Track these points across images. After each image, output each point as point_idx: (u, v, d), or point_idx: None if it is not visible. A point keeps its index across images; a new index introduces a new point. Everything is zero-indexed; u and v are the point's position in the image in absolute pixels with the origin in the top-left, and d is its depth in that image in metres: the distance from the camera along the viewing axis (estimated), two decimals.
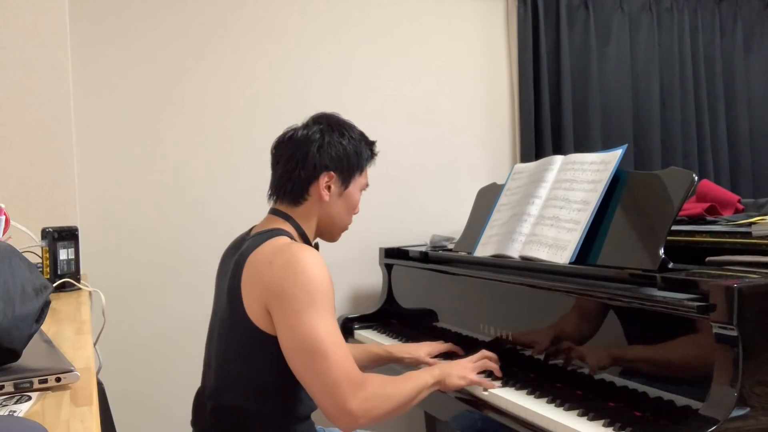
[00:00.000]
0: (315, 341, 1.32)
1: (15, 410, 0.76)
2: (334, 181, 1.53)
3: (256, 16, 2.65)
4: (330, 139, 1.53)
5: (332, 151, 1.52)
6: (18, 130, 2.01)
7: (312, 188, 1.52)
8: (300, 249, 1.39)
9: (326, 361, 1.31)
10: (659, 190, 1.58)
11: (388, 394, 1.39)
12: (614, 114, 3.05)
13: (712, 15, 3.25)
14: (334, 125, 1.57)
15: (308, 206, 1.53)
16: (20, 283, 0.88)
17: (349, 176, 1.56)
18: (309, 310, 1.33)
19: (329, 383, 1.32)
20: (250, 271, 1.41)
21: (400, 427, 2.78)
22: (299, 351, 1.34)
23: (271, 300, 1.36)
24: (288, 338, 1.35)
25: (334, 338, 1.34)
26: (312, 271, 1.35)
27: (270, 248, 1.41)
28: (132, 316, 2.45)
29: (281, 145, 1.57)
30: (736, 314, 1.18)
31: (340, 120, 1.60)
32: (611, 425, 1.32)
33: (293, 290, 1.33)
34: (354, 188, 1.58)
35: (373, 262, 2.65)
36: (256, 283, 1.39)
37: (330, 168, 1.52)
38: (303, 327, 1.32)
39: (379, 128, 2.82)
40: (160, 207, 2.51)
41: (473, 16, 2.97)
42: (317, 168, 1.51)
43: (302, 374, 1.36)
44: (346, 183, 1.56)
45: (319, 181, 1.51)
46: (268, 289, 1.36)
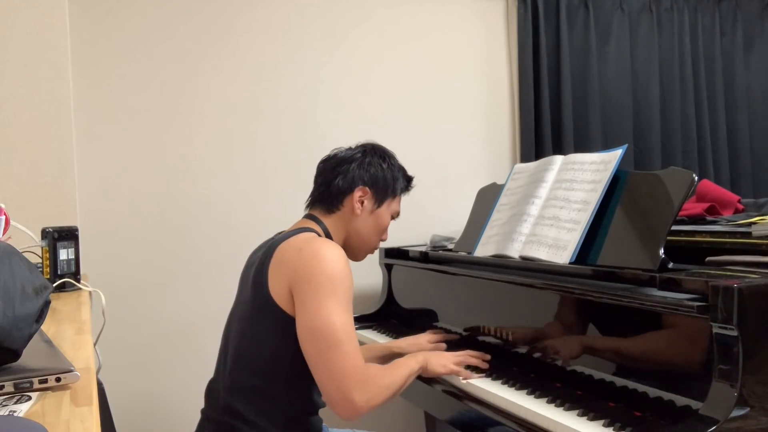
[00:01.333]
0: (330, 329, 1.38)
1: (15, 410, 0.76)
2: (368, 197, 1.64)
3: (256, 16, 2.65)
4: (371, 160, 1.66)
5: (371, 170, 1.65)
6: (18, 130, 2.01)
7: (346, 200, 1.63)
8: (329, 243, 1.49)
9: (338, 350, 1.38)
10: (659, 190, 1.58)
11: (386, 384, 1.49)
12: (614, 114, 3.05)
13: (712, 15, 3.25)
14: (378, 150, 1.71)
15: (340, 216, 1.64)
16: (20, 283, 0.88)
17: (383, 196, 1.67)
18: (330, 298, 1.39)
19: (337, 372, 1.38)
20: (278, 256, 1.49)
21: (400, 427, 2.78)
22: (314, 336, 1.40)
23: (296, 283, 1.43)
24: (306, 322, 1.41)
25: (349, 331, 1.41)
26: (338, 264, 1.43)
27: (301, 238, 1.50)
28: (132, 316, 2.45)
29: (327, 161, 1.70)
30: (736, 314, 1.18)
31: (384, 148, 1.74)
32: (611, 425, 1.32)
33: (319, 277, 1.40)
34: (385, 210, 1.68)
35: (373, 262, 2.65)
36: (283, 266, 1.46)
37: (366, 183, 1.64)
38: (322, 313, 1.39)
39: (379, 128, 2.84)
40: (160, 207, 2.52)
41: (473, 16, 2.97)
42: (354, 181, 1.63)
43: (313, 359, 1.41)
44: (379, 202, 1.66)
45: (353, 193, 1.63)
46: (294, 273, 1.44)
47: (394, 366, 1.58)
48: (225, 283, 2.26)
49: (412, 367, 1.60)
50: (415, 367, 1.61)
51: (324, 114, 2.73)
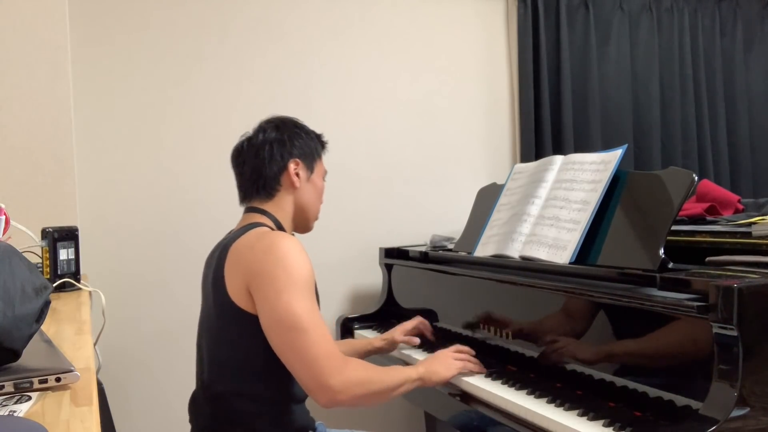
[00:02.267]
0: (294, 318, 1.37)
1: (15, 410, 0.76)
2: (300, 167, 1.62)
3: (256, 16, 2.65)
4: (288, 133, 1.63)
5: (294, 141, 1.63)
6: (18, 130, 2.00)
7: (283, 178, 1.61)
8: (281, 235, 1.47)
9: (305, 337, 1.37)
10: (659, 190, 1.58)
11: (370, 377, 1.46)
12: (614, 114, 3.05)
13: (712, 15, 3.25)
14: (287, 121, 1.68)
15: (281, 197, 1.61)
16: (20, 283, 0.88)
17: (312, 162, 1.66)
18: (289, 289, 1.38)
19: (309, 359, 1.37)
20: (232, 257, 1.47)
21: (400, 427, 2.78)
22: (279, 328, 1.39)
23: (253, 280, 1.42)
24: (268, 316, 1.40)
25: (314, 318, 1.40)
26: (292, 256, 1.42)
27: (251, 236, 1.49)
28: (132, 316, 2.45)
29: (242, 152, 1.65)
30: (736, 314, 1.18)
31: (288, 117, 1.71)
32: (611, 425, 1.32)
33: (274, 271, 1.39)
34: (317, 175, 1.68)
35: (373, 262, 2.65)
36: (238, 266, 1.45)
37: (295, 155, 1.62)
38: (282, 305, 1.38)
39: (379, 128, 2.84)
40: (160, 207, 2.51)
41: (473, 16, 2.97)
42: (284, 158, 1.60)
43: (283, 351, 1.40)
44: (311, 168, 1.66)
45: (288, 170, 1.60)
46: (249, 271, 1.43)
47: (388, 367, 1.56)
48: None
49: (407, 375, 1.56)
50: (412, 375, 1.57)
51: (324, 114, 2.73)
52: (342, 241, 2.74)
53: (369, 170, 2.79)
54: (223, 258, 1.49)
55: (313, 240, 2.77)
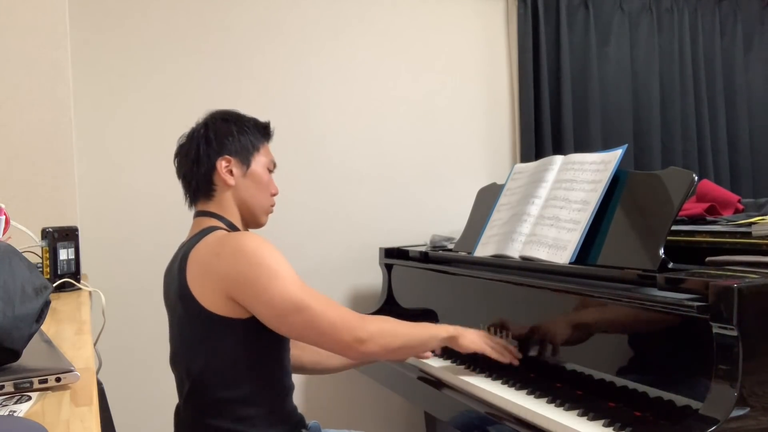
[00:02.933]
0: (293, 301, 1.38)
1: (15, 410, 0.76)
2: (233, 164, 1.55)
3: (256, 16, 2.65)
4: (215, 128, 1.56)
5: (221, 137, 1.55)
6: (18, 130, 2.00)
7: (215, 178, 1.55)
8: (239, 236, 1.44)
9: (312, 311, 1.38)
10: (659, 190, 1.58)
11: (393, 327, 1.48)
12: (614, 114, 3.05)
13: (712, 15, 3.25)
14: (218, 116, 1.60)
15: (220, 196, 1.56)
16: (20, 283, 0.88)
17: (247, 156, 1.57)
18: (275, 280, 1.38)
19: (326, 326, 1.39)
20: (196, 267, 1.43)
21: (400, 427, 2.78)
22: (284, 316, 1.39)
23: (235, 289, 1.39)
24: (269, 312, 1.39)
25: (310, 292, 1.40)
26: (260, 250, 1.39)
27: (210, 243, 1.44)
28: (132, 316, 2.45)
29: (177, 154, 1.61)
30: (736, 314, 1.18)
31: (224, 111, 1.63)
32: (611, 425, 1.32)
33: (252, 271, 1.38)
34: (257, 167, 1.59)
35: (373, 262, 2.65)
36: (208, 276, 1.42)
37: (223, 152, 1.54)
38: (277, 296, 1.37)
39: (379, 128, 2.84)
40: (160, 207, 2.51)
41: (473, 16, 2.97)
42: (211, 157, 1.54)
43: (299, 334, 1.41)
44: (247, 162, 1.57)
45: (217, 169, 1.54)
46: (225, 278, 1.39)
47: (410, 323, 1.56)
48: None
49: (437, 331, 1.57)
50: (442, 333, 1.57)
51: (324, 114, 2.73)
52: (342, 241, 2.74)
53: (369, 170, 2.79)
54: (184, 269, 1.45)
55: (313, 240, 2.79)
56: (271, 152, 1.65)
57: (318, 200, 2.73)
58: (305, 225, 2.69)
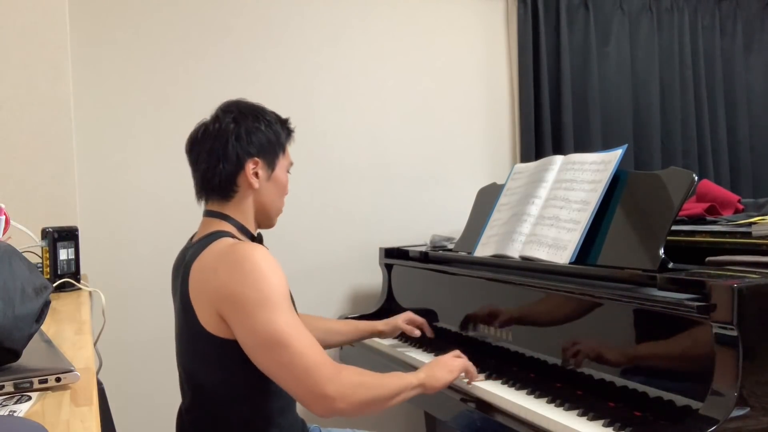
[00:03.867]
0: (275, 335, 1.29)
1: (15, 410, 0.76)
2: (260, 166, 1.48)
3: (256, 17, 2.65)
4: (246, 126, 1.48)
5: (252, 138, 1.48)
6: (18, 130, 2.00)
7: (240, 179, 1.47)
8: (245, 248, 1.36)
9: (291, 351, 1.29)
10: (659, 190, 1.58)
11: (366, 382, 1.37)
12: (614, 114, 3.05)
13: (712, 15, 3.25)
14: (246, 111, 1.52)
15: (240, 198, 1.48)
16: (20, 283, 0.88)
17: (274, 158, 1.51)
18: (263, 308, 1.29)
19: (299, 372, 1.29)
20: (196, 281, 1.38)
21: (400, 427, 2.78)
22: (263, 349, 1.31)
23: (223, 305, 1.33)
24: (249, 339, 1.32)
25: (296, 329, 1.31)
26: (260, 269, 1.32)
27: (212, 254, 1.37)
28: (132, 316, 2.45)
29: (196, 143, 1.51)
30: (736, 314, 1.18)
31: (250, 105, 1.56)
32: (611, 425, 1.32)
33: (243, 291, 1.30)
34: (280, 170, 1.53)
35: (373, 262, 2.65)
36: (204, 292, 1.36)
37: (253, 154, 1.47)
38: (260, 325, 1.29)
39: (379, 128, 2.84)
40: (161, 207, 2.51)
41: (473, 17, 2.97)
42: (240, 157, 1.46)
43: (271, 371, 1.33)
44: (272, 166, 1.51)
45: (245, 170, 1.46)
46: (217, 296, 1.33)
47: (386, 374, 1.48)
48: None
49: (407, 381, 1.46)
50: (412, 381, 1.47)
51: (324, 114, 2.73)
52: (342, 241, 2.74)
53: (369, 170, 2.79)
54: (186, 279, 1.39)
55: (313, 240, 2.79)
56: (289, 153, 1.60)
57: (318, 200, 2.72)
58: (305, 225, 2.69)
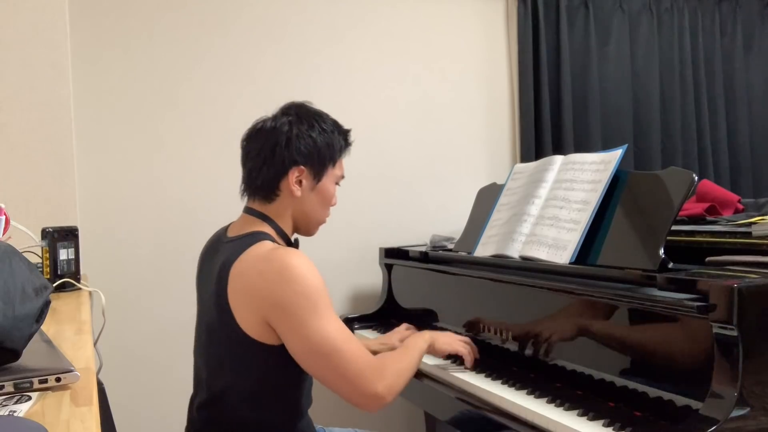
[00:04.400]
0: (328, 343, 1.34)
1: (15, 410, 0.76)
2: (304, 175, 1.46)
3: (256, 16, 2.65)
4: (299, 132, 1.46)
5: (301, 145, 1.45)
6: (18, 130, 2.01)
7: (282, 184, 1.46)
8: (287, 254, 1.36)
9: (344, 357, 1.35)
10: (659, 190, 1.58)
11: (403, 367, 1.47)
12: (614, 114, 3.05)
13: (712, 15, 3.25)
14: (304, 116, 1.49)
15: (281, 203, 1.47)
16: (20, 283, 0.88)
17: (321, 169, 1.49)
18: (314, 315, 1.33)
19: (353, 376, 1.36)
20: (238, 283, 1.37)
21: (400, 427, 2.78)
22: (316, 355, 1.35)
23: (272, 313, 1.34)
24: (301, 346, 1.36)
25: (344, 334, 1.37)
26: (305, 276, 1.33)
27: (255, 257, 1.37)
28: (132, 316, 2.45)
29: (250, 139, 1.51)
30: (736, 314, 1.18)
31: (310, 110, 1.53)
32: (611, 425, 1.32)
33: (293, 299, 1.32)
34: (327, 181, 1.51)
35: (373, 262, 2.65)
36: (249, 296, 1.36)
37: (299, 162, 1.45)
38: (314, 333, 1.33)
39: (379, 128, 2.84)
40: (160, 207, 2.51)
41: (473, 16, 2.97)
42: (286, 163, 1.44)
43: (323, 375, 1.38)
44: (318, 176, 1.49)
45: (288, 176, 1.45)
46: (265, 302, 1.34)
47: (404, 348, 1.58)
48: None
49: (421, 347, 1.60)
50: (423, 346, 1.62)
51: None
52: (342, 241, 2.74)
53: (369, 170, 2.79)
54: (225, 281, 1.38)
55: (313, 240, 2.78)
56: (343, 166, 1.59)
57: None
58: None
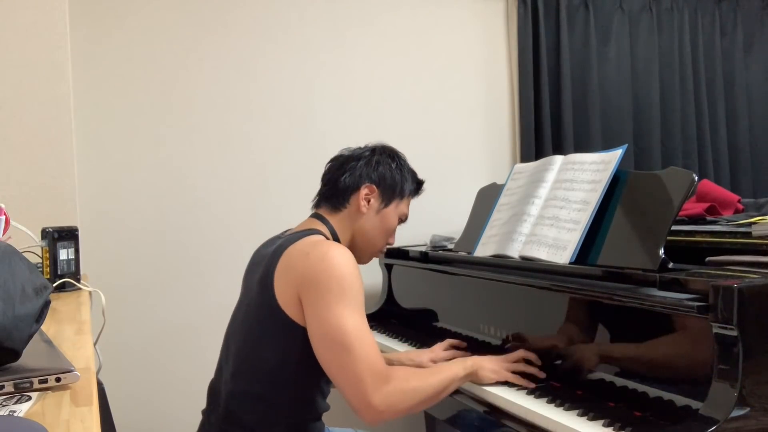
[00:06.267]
0: (342, 333, 1.35)
1: (15, 410, 0.76)
2: (374, 195, 1.62)
3: (257, 16, 2.65)
4: (379, 158, 1.64)
5: (379, 168, 1.63)
6: (18, 130, 2.00)
7: (353, 197, 1.61)
8: (336, 246, 1.45)
9: (351, 354, 1.35)
10: (659, 190, 1.58)
11: (414, 387, 1.41)
12: (614, 114, 3.05)
13: (712, 15, 3.25)
14: (387, 150, 1.69)
15: (346, 215, 1.61)
16: (20, 283, 0.88)
17: (390, 196, 1.64)
18: (340, 303, 1.36)
19: (353, 377, 1.35)
20: (285, 261, 1.45)
21: (400, 427, 2.78)
22: (326, 341, 1.37)
23: (304, 289, 1.40)
24: (317, 328, 1.38)
25: (362, 332, 1.37)
26: (346, 267, 1.40)
27: (307, 242, 1.47)
28: (132, 316, 2.45)
29: (336, 159, 1.68)
30: (736, 314, 1.18)
31: (394, 149, 1.72)
32: (611, 425, 1.32)
33: (328, 282, 1.38)
34: (392, 210, 1.65)
35: (373, 262, 2.64)
36: (290, 272, 1.43)
37: (373, 181, 1.62)
38: (332, 318, 1.36)
39: (379, 128, 2.84)
40: (161, 207, 2.51)
41: (473, 16, 2.97)
42: (361, 178, 1.61)
43: (328, 366, 1.39)
44: (386, 202, 1.64)
45: (360, 191, 1.60)
46: (302, 278, 1.40)
47: (431, 369, 1.53)
48: (225, 282, 2.26)
49: (455, 373, 1.50)
50: (460, 373, 1.51)
51: (324, 114, 2.73)
52: None
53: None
54: (276, 259, 1.46)
55: None
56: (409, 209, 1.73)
57: None
58: None
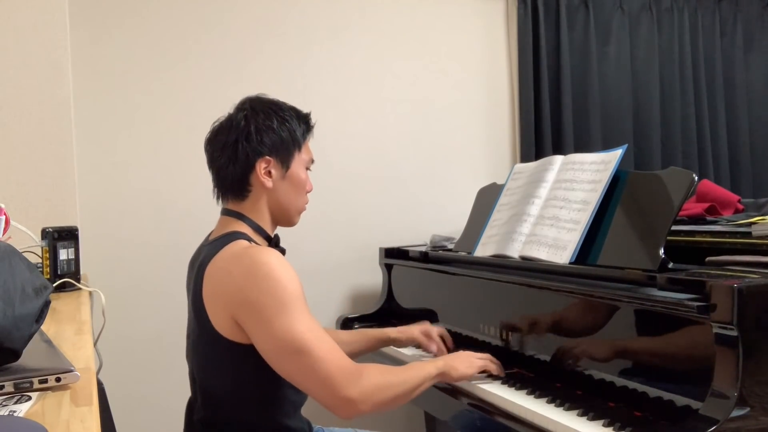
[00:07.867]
0: (295, 342, 1.29)
1: (15, 410, 0.76)
2: (272, 165, 1.46)
3: (256, 16, 2.65)
4: (257, 125, 1.46)
5: (262, 136, 1.45)
6: (18, 130, 2.01)
7: (252, 179, 1.45)
8: (257, 253, 1.34)
9: (312, 357, 1.29)
10: (659, 190, 1.58)
11: (388, 381, 1.39)
12: (614, 114, 3.05)
13: (712, 15, 3.25)
14: (259, 108, 1.50)
15: (254, 198, 1.47)
16: (20, 283, 0.88)
17: (288, 157, 1.48)
18: (281, 313, 1.29)
19: (322, 377, 1.30)
20: (210, 284, 1.37)
21: (400, 427, 2.78)
22: (283, 355, 1.31)
23: (239, 311, 1.32)
24: (268, 346, 1.32)
25: (315, 334, 1.31)
26: (274, 274, 1.30)
27: (226, 256, 1.36)
28: (132, 316, 2.45)
29: (211, 141, 1.52)
30: (736, 314, 1.18)
31: (264, 101, 1.53)
32: (611, 425, 1.32)
33: (259, 298, 1.29)
34: (297, 167, 1.50)
35: (373, 262, 2.65)
36: (219, 296, 1.35)
37: (264, 153, 1.45)
38: (279, 332, 1.29)
39: (379, 128, 2.84)
40: (160, 207, 2.51)
41: (473, 16, 2.97)
42: (250, 157, 1.44)
43: (293, 377, 1.33)
44: (287, 164, 1.48)
45: (256, 169, 1.45)
46: (232, 301, 1.32)
47: (404, 366, 1.50)
48: None
49: (428, 371, 1.49)
50: (432, 371, 1.50)
51: (324, 114, 2.70)
52: (342, 241, 2.74)
53: (369, 170, 2.79)
54: (200, 283, 1.38)
55: (313, 240, 2.79)
56: (310, 149, 1.56)
57: (318, 200, 2.70)
58: (305, 225, 2.65)
